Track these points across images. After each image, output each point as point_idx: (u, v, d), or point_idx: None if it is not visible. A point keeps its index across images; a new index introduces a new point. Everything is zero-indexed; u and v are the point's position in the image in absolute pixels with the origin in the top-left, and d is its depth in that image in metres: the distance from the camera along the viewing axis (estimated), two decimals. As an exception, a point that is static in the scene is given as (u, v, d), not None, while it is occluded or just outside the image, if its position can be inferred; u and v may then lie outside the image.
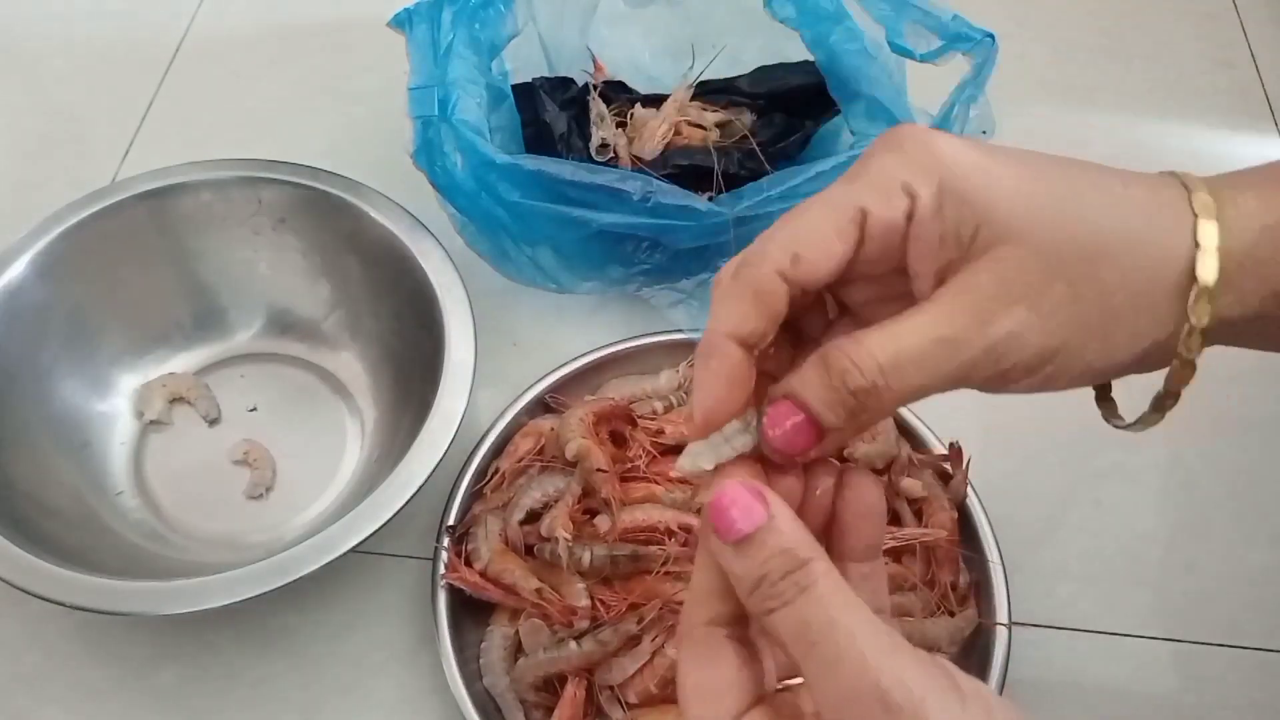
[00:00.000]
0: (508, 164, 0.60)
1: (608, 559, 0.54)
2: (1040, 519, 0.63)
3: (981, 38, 0.62)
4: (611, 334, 0.65)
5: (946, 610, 0.55)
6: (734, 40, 0.76)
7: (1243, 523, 0.63)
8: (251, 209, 0.66)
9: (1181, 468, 0.65)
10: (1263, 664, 0.58)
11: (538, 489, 0.58)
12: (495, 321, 0.68)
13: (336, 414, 0.66)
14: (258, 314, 0.69)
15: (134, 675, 0.58)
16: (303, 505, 0.63)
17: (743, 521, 0.26)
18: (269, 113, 0.83)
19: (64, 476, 0.61)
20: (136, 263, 0.66)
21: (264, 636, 0.58)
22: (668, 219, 0.60)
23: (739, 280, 0.28)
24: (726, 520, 0.26)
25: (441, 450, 0.55)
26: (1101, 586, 0.61)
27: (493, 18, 0.66)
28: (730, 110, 0.74)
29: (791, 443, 0.27)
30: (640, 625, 0.52)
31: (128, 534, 0.60)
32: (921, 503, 0.58)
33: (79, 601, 0.51)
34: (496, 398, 0.63)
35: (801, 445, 0.27)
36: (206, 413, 0.66)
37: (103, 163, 0.79)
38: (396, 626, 0.59)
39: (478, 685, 0.54)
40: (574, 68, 0.76)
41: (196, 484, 0.63)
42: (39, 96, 0.85)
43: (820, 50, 0.67)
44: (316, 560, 0.52)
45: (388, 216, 0.64)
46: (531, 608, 0.54)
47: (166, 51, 0.87)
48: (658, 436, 0.60)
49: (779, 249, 0.27)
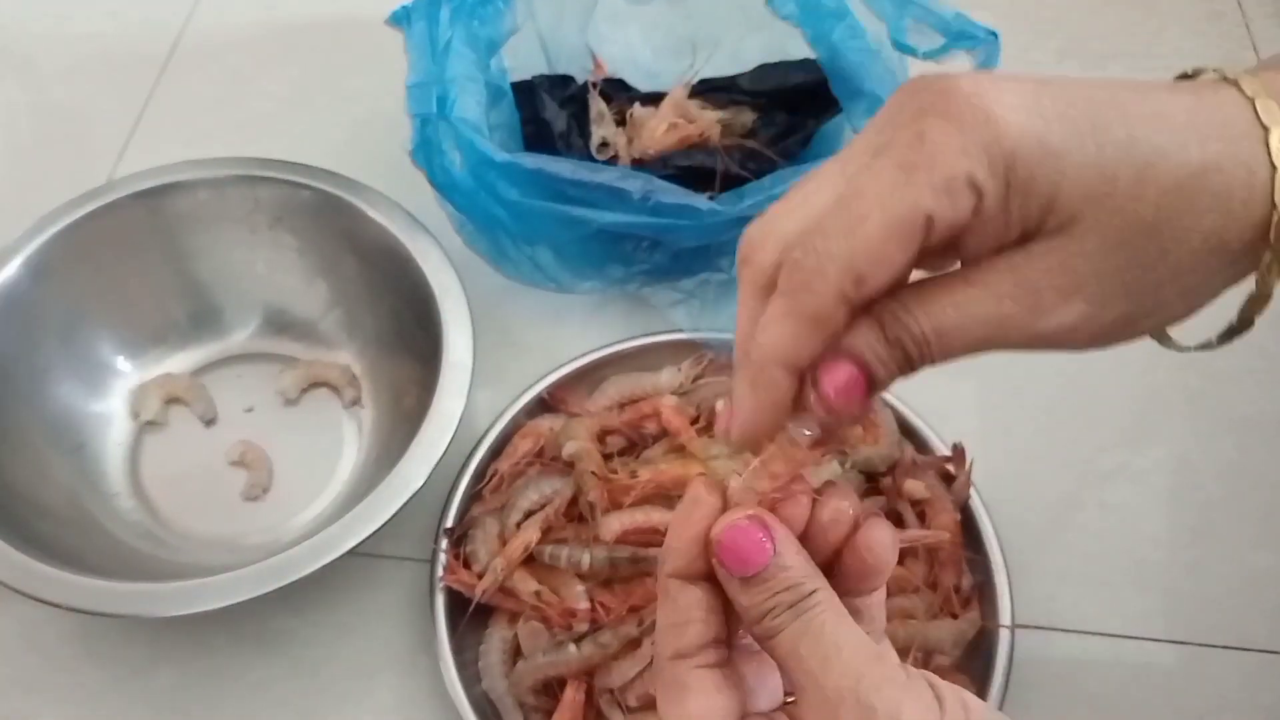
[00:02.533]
0: (507, 162, 0.59)
1: (607, 561, 0.54)
2: (1043, 521, 0.62)
3: (984, 35, 0.62)
4: (611, 334, 0.65)
5: (949, 612, 0.55)
6: (735, 37, 0.75)
7: (1247, 524, 0.63)
8: (248, 208, 0.66)
9: (1186, 469, 0.65)
10: (1267, 666, 0.58)
11: (535, 490, 0.57)
12: (494, 321, 0.67)
13: (334, 415, 0.66)
14: (254, 314, 0.68)
15: (131, 677, 0.57)
16: (300, 507, 0.62)
17: (753, 558, 0.26)
18: (266, 111, 0.82)
19: (60, 478, 0.60)
20: (133, 262, 0.65)
21: (261, 638, 0.58)
22: (668, 218, 0.60)
23: (795, 303, 0.26)
24: (737, 558, 0.27)
25: (440, 451, 0.55)
26: (1105, 589, 0.60)
27: (491, 15, 0.65)
28: (731, 108, 0.74)
29: (849, 400, 0.27)
30: (640, 628, 0.52)
31: (124, 535, 0.60)
32: (924, 504, 0.58)
33: (75, 603, 0.51)
34: (495, 398, 0.62)
35: (857, 402, 0.27)
36: (203, 413, 0.65)
37: (99, 161, 0.79)
38: (395, 629, 0.58)
39: (476, 688, 0.54)
40: (574, 65, 0.76)
41: (193, 485, 0.63)
42: (35, 95, 0.85)
43: (822, 48, 0.67)
44: (314, 562, 0.51)
45: (385, 215, 0.63)
46: (530, 610, 0.54)
47: (163, 50, 0.86)
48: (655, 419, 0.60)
49: (841, 269, 0.25)
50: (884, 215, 0.25)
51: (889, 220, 0.25)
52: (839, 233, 0.26)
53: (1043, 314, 0.26)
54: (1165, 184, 0.25)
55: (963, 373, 0.65)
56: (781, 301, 0.26)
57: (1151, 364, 0.68)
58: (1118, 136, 0.25)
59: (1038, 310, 0.26)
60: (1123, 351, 0.69)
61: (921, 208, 0.25)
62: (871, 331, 0.26)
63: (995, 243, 0.26)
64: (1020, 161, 0.25)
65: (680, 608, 0.28)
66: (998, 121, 0.25)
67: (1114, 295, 0.26)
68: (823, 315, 0.26)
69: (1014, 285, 0.26)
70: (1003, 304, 0.26)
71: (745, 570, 0.27)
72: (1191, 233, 0.25)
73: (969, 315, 0.26)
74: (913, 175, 0.25)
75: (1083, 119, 0.25)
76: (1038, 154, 0.25)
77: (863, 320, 0.26)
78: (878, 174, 0.25)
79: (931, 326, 0.26)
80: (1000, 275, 0.26)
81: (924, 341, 0.26)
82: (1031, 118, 0.25)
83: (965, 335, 0.26)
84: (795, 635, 0.26)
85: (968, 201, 0.25)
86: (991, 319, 0.26)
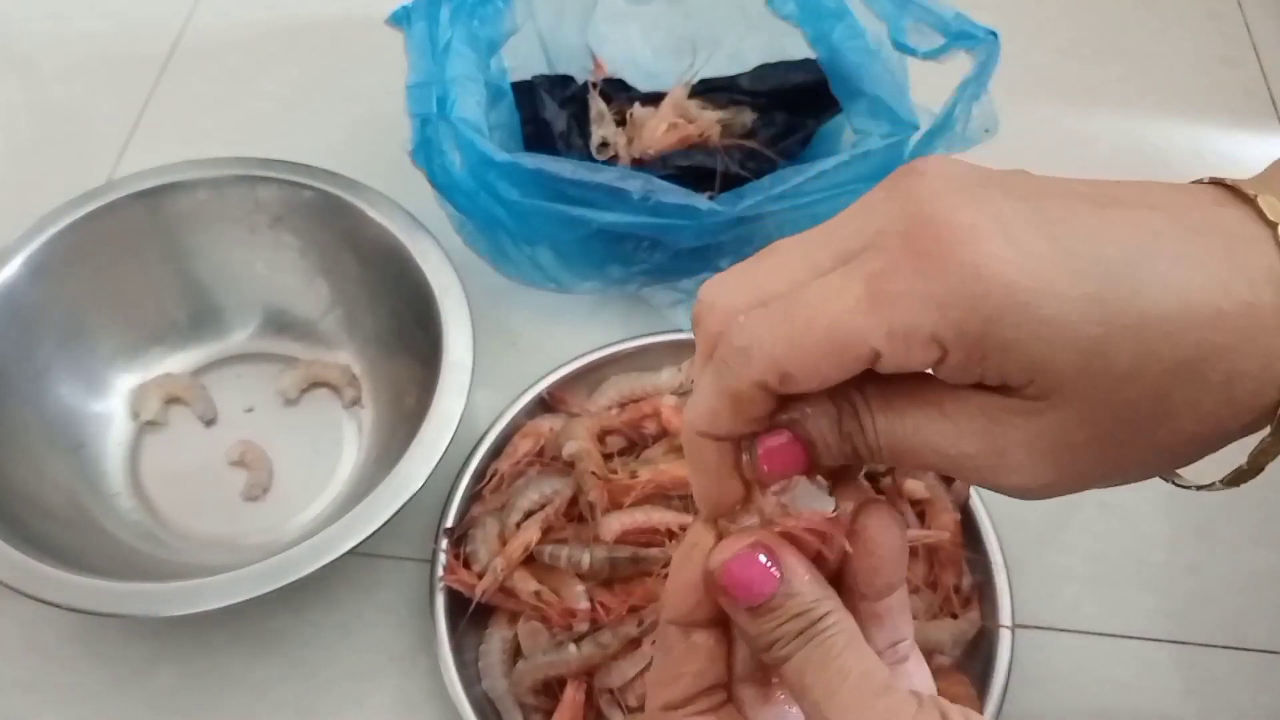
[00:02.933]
0: (507, 162, 0.59)
1: (607, 561, 0.54)
2: (1043, 521, 0.62)
3: (984, 35, 0.62)
4: (611, 334, 0.65)
5: (949, 613, 0.55)
6: (735, 37, 0.75)
7: (1247, 525, 0.63)
8: (248, 208, 0.66)
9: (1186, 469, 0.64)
10: (1267, 666, 0.58)
11: (535, 490, 0.57)
12: (494, 321, 0.67)
13: (334, 415, 0.66)
14: (254, 313, 0.68)
15: (131, 677, 0.57)
16: (300, 507, 0.62)
17: (759, 588, 0.25)
18: (266, 111, 0.82)
19: (59, 478, 0.60)
20: (132, 262, 0.65)
21: (261, 638, 0.58)
22: (668, 218, 0.60)
23: (717, 376, 0.25)
24: (743, 589, 0.25)
25: (440, 451, 0.55)
26: (1105, 588, 0.60)
27: (491, 15, 0.65)
28: (731, 108, 0.74)
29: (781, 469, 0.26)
30: (640, 628, 0.52)
31: (124, 536, 0.60)
32: (924, 504, 0.58)
33: (75, 603, 0.50)
34: (495, 398, 0.62)
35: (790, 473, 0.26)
36: (203, 413, 0.65)
37: (99, 161, 0.79)
38: (394, 629, 0.58)
39: (476, 688, 0.54)
40: (574, 65, 0.76)
41: (193, 485, 0.63)
42: (34, 94, 0.85)
43: (822, 47, 0.67)
44: (314, 562, 0.51)
45: (386, 215, 0.63)
46: (530, 610, 0.54)
47: (163, 49, 0.86)
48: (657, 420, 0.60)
49: (768, 363, 0.24)
50: (828, 334, 0.23)
51: (831, 340, 0.23)
52: (778, 323, 0.24)
53: (1004, 470, 0.24)
54: (1168, 364, 0.23)
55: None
56: (709, 372, 0.25)
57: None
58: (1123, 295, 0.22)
59: (1000, 464, 0.24)
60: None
61: (870, 344, 0.23)
62: (826, 416, 0.25)
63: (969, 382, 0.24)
64: (1004, 326, 0.22)
65: (674, 659, 0.27)
66: (985, 279, 0.22)
67: (1087, 465, 0.24)
68: (741, 398, 0.25)
69: (983, 430, 0.24)
70: (965, 443, 0.24)
71: (752, 600, 0.25)
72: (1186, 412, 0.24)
73: (928, 444, 0.24)
74: (873, 308, 0.23)
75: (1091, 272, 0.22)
76: (1027, 322, 0.22)
77: (823, 400, 0.25)
78: (838, 290, 0.24)
79: (887, 442, 0.25)
80: (971, 415, 0.24)
81: (875, 449, 0.25)
82: (1026, 275, 0.22)
83: (918, 460, 0.25)
84: (801, 664, 0.25)
85: (926, 355, 0.23)
86: (950, 456, 0.24)
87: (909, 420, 0.25)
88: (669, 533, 0.55)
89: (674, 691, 0.27)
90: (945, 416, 0.24)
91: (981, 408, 0.24)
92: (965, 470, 0.25)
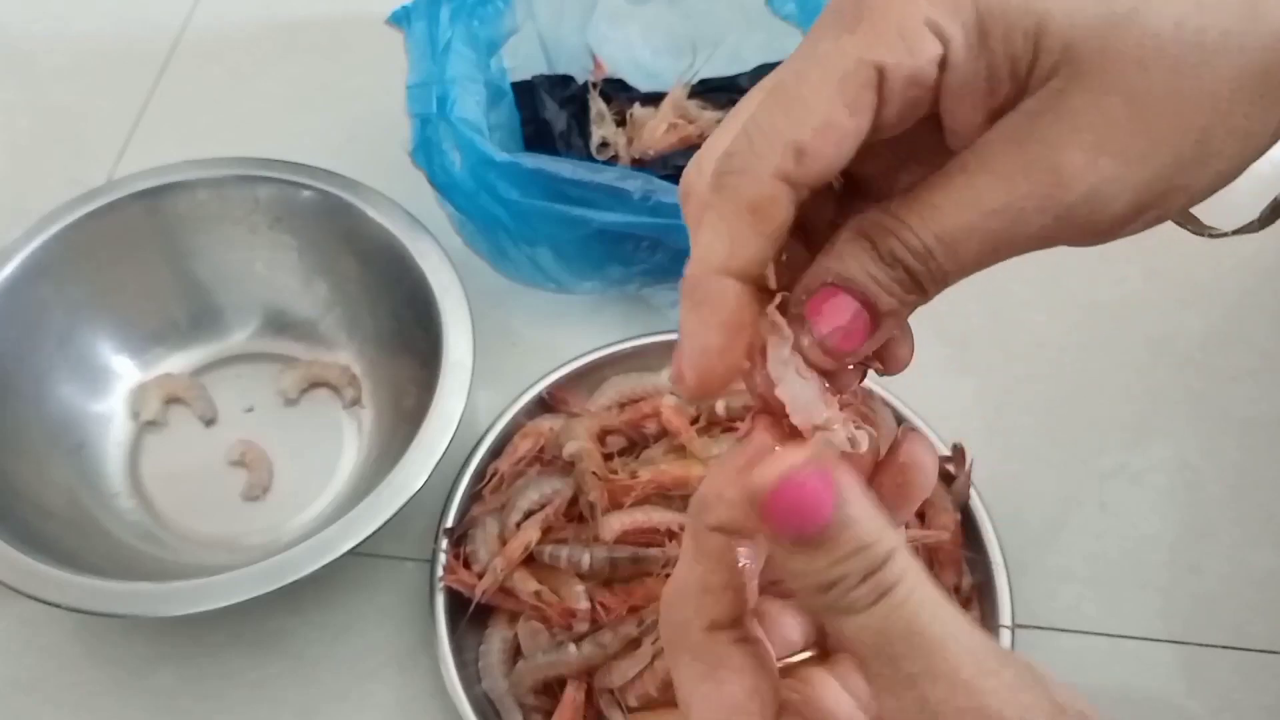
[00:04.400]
0: (507, 162, 0.59)
1: (607, 561, 0.54)
2: (1044, 521, 0.62)
3: (984, 35, 0.62)
4: (611, 334, 0.65)
5: (949, 613, 0.55)
6: (735, 37, 0.75)
7: (1248, 525, 0.63)
8: (248, 208, 0.66)
9: (1186, 469, 0.65)
10: (1268, 666, 0.58)
11: (535, 490, 0.57)
12: (494, 321, 0.67)
13: (334, 415, 0.66)
14: (254, 313, 0.68)
15: (131, 677, 0.57)
16: (300, 507, 0.62)
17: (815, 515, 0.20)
18: (266, 111, 0.82)
19: (60, 478, 0.60)
20: (132, 262, 0.65)
21: (261, 638, 0.58)
22: (668, 218, 0.60)
23: (726, 194, 0.22)
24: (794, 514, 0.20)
25: (440, 451, 0.55)
26: (1105, 589, 0.60)
27: (491, 14, 0.65)
28: (731, 108, 0.74)
29: (849, 338, 0.22)
30: (640, 628, 0.52)
31: (124, 535, 0.60)
32: (924, 504, 0.58)
33: (76, 603, 0.51)
34: (495, 398, 0.62)
35: (858, 339, 0.22)
36: (203, 413, 0.65)
37: (98, 161, 0.79)
38: (394, 629, 0.58)
39: (477, 688, 0.54)
40: (574, 65, 0.76)
41: (193, 485, 0.63)
42: (34, 94, 0.85)
43: (822, 47, 0.67)
44: (314, 562, 0.51)
45: (385, 215, 0.63)
46: (530, 610, 0.54)
47: (163, 49, 0.86)
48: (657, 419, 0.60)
49: (776, 143, 0.21)
50: (824, 72, 0.21)
51: (830, 76, 0.21)
52: (771, 105, 0.21)
53: (1064, 183, 0.21)
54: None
55: (963, 372, 0.65)
56: (714, 202, 0.22)
57: (1152, 364, 0.68)
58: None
59: (1058, 180, 0.21)
60: (1123, 351, 0.69)
61: (869, 58, 0.20)
62: (861, 250, 0.22)
63: (983, 107, 0.22)
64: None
65: (722, 567, 0.23)
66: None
67: (1143, 146, 0.21)
68: (761, 202, 0.21)
69: (1022, 157, 0.21)
70: (1014, 184, 0.21)
71: (803, 529, 0.20)
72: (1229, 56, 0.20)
73: (976, 209, 0.21)
74: (858, 27, 0.21)
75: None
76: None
77: (845, 239, 0.22)
78: (815, 40, 0.21)
79: (933, 234, 0.21)
80: (1003, 149, 0.21)
81: (927, 254, 0.21)
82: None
83: (977, 236, 0.21)
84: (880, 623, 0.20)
85: (928, 48, 0.21)
86: (1005, 206, 0.21)
87: (944, 202, 0.21)
88: (669, 533, 0.55)
89: (723, 605, 0.23)
90: (978, 170, 0.21)
91: (1008, 134, 0.21)
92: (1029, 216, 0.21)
